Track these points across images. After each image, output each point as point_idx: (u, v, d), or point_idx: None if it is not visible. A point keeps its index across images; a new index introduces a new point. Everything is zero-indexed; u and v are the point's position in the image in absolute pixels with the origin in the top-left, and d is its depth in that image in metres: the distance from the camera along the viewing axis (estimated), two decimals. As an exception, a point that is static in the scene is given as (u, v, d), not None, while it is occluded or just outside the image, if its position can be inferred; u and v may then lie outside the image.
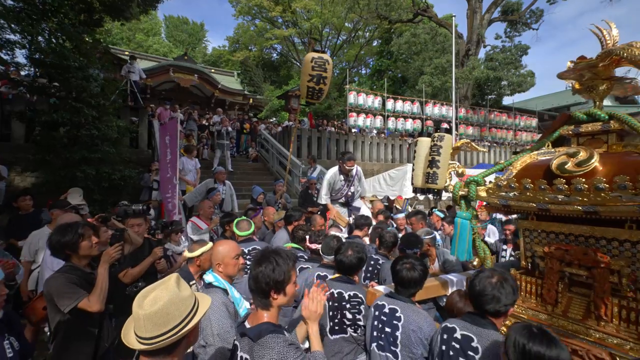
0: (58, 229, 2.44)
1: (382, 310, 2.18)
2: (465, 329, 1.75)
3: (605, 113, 2.02)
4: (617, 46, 1.88)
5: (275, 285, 1.58)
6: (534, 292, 2.15)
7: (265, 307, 1.61)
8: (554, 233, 2.07)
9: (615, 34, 1.97)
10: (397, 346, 2.05)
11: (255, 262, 1.64)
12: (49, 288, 2.24)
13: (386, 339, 2.11)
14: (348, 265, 2.54)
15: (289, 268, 1.64)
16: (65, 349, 2.28)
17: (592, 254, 1.83)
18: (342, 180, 5.40)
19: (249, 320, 1.66)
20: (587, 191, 1.71)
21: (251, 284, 1.62)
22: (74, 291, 2.23)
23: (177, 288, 1.27)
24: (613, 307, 1.78)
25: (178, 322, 1.22)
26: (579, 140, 2.17)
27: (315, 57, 5.92)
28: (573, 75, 2.13)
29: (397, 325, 2.08)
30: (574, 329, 1.88)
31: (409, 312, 2.09)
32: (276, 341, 1.47)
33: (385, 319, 2.15)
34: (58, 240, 2.33)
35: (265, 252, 1.67)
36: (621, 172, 1.68)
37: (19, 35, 7.02)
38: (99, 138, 6.75)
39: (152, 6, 11.89)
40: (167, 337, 1.19)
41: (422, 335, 2.00)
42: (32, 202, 5.06)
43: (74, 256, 2.39)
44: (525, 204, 1.98)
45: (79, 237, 2.36)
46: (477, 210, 2.86)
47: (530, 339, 1.31)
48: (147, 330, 1.18)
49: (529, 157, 2.28)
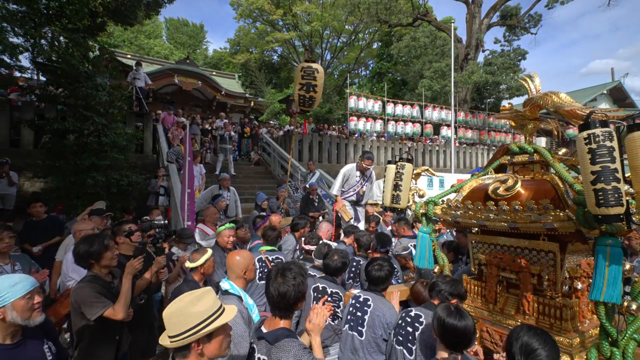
0: (85, 239, 2.61)
1: (358, 299, 2.68)
2: (419, 310, 2.31)
3: (531, 147, 2.46)
4: (537, 95, 2.32)
5: (302, 298, 1.82)
6: (480, 293, 2.58)
7: (287, 317, 1.81)
8: (492, 244, 2.52)
9: (537, 83, 2.43)
10: (364, 327, 2.52)
11: (280, 278, 1.80)
12: (76, 297, 2.41)
13: (356, 321, 2.58)
14: (333, 268, 3.09)
15: (306, 281, 1.87)
16: (89, 353, 2.47)
17: (518, 260, 2.28)
18: (357, 176, 5.64)
19: (265, 325, 1.85)
20: (508, 211, 2.10)
21: (276, 299, 1.78)
22: (100, 300, 2.40)
23: (190, 304, 1.49)
24: (534, 304, 2.20)
25: (184, 330, 1.44)
26: (514, 168, 2.61)
27: (305, 66, 6.05)
28: (509, 116, 2.63)
29: (366, 310, 2.56)
30: (507, 322, 2.29)
31: (377, 302, 2.57)
32: (292, 345, 1.67)
33: (358, 305, 2.63)
34: (86, 250, 2.50)
35: (287, 269, 1.84)
36: (535, 196, 2.11)
37: (22, 39, 7.18)
38: (108, 145, 6.96)
39: (156, 11, 12.00)
40: (177, 339, 1.44)
41: (384, 320, 2.47)
42: (44, 208, 5.20)
43: (96, 265, 2.57)
44: (469, 221, 2.38)
45: (104, 248, 2.55)
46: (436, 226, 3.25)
47: (447, 315, 1.76)
48: (168, 330, 1.47)
49: (475, 181, 2.71)
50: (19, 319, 1.80)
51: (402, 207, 2.97)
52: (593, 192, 1.51)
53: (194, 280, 2.94)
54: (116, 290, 2.56)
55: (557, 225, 1.88)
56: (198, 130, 12.07)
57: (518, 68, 18.99)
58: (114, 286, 2.62)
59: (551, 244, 2.12)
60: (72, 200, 6.40)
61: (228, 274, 2.41)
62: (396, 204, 2.92)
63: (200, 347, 1.47)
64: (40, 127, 7.18)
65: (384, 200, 3.17)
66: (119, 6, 9.66)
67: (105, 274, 2.63)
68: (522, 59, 19.02)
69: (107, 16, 9.88)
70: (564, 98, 2.13)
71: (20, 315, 1.81)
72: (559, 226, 1.88)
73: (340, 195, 5.66)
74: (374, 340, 2.46)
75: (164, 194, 7.85)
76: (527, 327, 1.61)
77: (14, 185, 6.78)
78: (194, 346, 1.46)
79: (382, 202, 8.07)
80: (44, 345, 1.99)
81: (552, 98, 2.17)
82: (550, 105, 2.17)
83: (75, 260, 2.59)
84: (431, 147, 15.69)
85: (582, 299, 2.15)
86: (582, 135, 1.56)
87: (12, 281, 1.84)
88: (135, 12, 10.45)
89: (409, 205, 2.99)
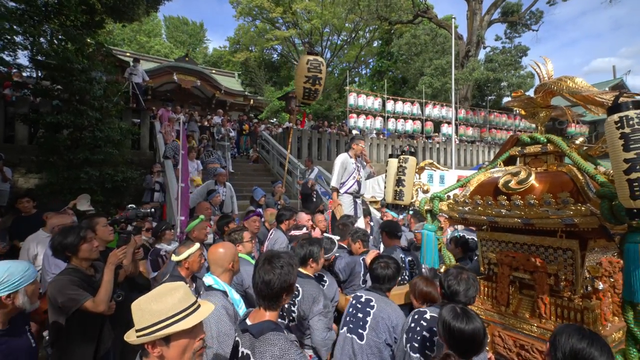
0: (61, 230, 2.50)
1: (359, 299, 2.43)
2: (434, 312, 2.04)
3: (544, 137, 2.26)
4: (550, 80, 2.15)
5: (288, 289, 1.65)
6: (490, 294, 2.39)
7: (272, 308, 1.66)
8: (504, 242, 2.33)
9: (550, 68, 2.24)
10: (365, 329, 2.27)
11: (267, 265, 1.65)
12: (52, 290, 2.28)
13: (356, 323, 2.33)
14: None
15: (295, 271, 1.71)
16: (66, 350, 2.32)
17: (532, 259, 2.10)
18: (352, 162, 5.53)
19: (250, 317, 1.70)
20: (522, 206, 1.93)
21: (260, 287, 1.64)
22: (77, 293, 2.26)
23: (152, 299, 1.31)
24: (551, 306, 2.03)
25: (139, 328, 1.28)
26: (525, 160, 2.42)
27: (311, 59, 6.12)
28: (518, 103, 2.44)
29: (369, 312, 2.31)
30: (522, 326, 2.12)
31: (382, 303, 2.33)
32: (278, 338, 1.53)
33: (360, 306, 2.39)
34: (60, 242, 2.39)
35: (276, 256, 1.69)
36: (551, 189, 1.94)
37: (21, 37, 7.09)
38: (102, 140, 6.83)
39: (154, 8, 11.92)
40: (139, 335, 1.28)
41: (389, 323, 2.23)
42: (32, 203, 5.02)
43: (74, 258, 2.44)
44: (478, 217, 2.21)
45: (80, 239, 2.41)
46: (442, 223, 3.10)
47: (453, 318, 1.58)
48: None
49: (483, 175, 2.52)
50: (28, 303, 1.84)
51: (406, 203, 2.83)
52: (627, 183, 1.34)
53: (180, 275, 2.76)
54: (97, 284, 2.40)
55: (578, 220, 1.72)
56: (196, 127, 11.94)
57: (519, 65, 18.85)
58: (95, 280, 2.47)
59: (570, 241, 1.95)
60: (65, 195, 6.25)
61: (211, 268, 2.26)
62: (399, 200, 2.79)
63: (157, 350, 1.28)
64: (34, 121, 7.05)
65: (385, 197, 3.01)
66: (118, 3, 9.54)
67: (86, 267, 2.49)
68: (523, 55, 18.89)
69: (106, 13, 9.77)
70: (579, 83, 1.97)
71: (30, 300, 1.85)
72: (581, 221, 1.72)
73: (340, 187, 5.48)
74: (376, 345, 2.23)
75: (160, 190, 7.70)
76: (574, 328, 1.39)
77: (7, 181, 6.66)
78: (148, 348, 1.29)
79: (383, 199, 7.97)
80: (27, 333, 1.98)
81: (567, 83, 2.01)
82: (565, 91, 2.01)
83: (53, 253, 2.47)
84: (432, 145, 15.54)
85: (603, 300, 1.98)
86: (612, 119, 1.39)
87: (24, 267, 1.88)
88: (133, 9, 10.33)
89: (413, 202, 2.83)
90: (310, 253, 2.67)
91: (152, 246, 4.34)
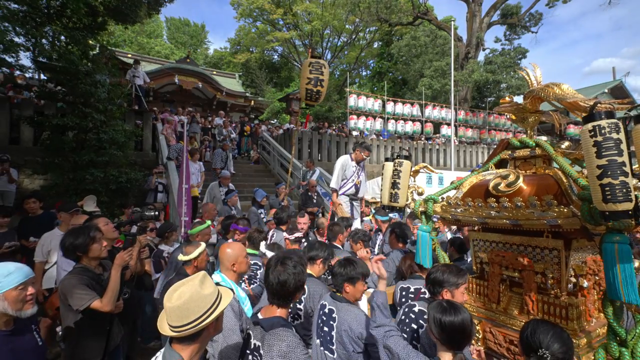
0: (71, 231, 2.59)
1: (324, 309, 2.41)
2: (422, 306, 2.24)
3: (533, 141, 2.36)
4: (538, 87, 2.23)
5: (301, 288, 1.79)
6: (482, 292, 2.50)
7: (284, 305, 1.78)
8: (494, 242, 2.44)
9: (538, 74, 2.32)
10: (333, 344, 2.29)
11: (280, 266, 1.77)
12: (62, 289, 2.39)
13: (325, 337, 2.34)
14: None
15: (306, 270, 1.84)
16: (78, 345, 2.43)
17: (521, 259, 2.21)
18: (353, 166, 5.67)
19: (262, 312, 1.84)
20: (510, 208, 2.03)
21: (276, 287, 1.74)
22: (86, 292, 2.36)
23: (199, 287, 1.45)
24: (538, 303, 2.12)
25: (197, 317, 1.39)
26: (515, 163, 2.51)
27: (313, 61, 6.26)
28: (509, 109, 2.53)
29: (332, 325, 2.31)
30: (511, 322, 2.21)
31: (342, 313, 2.29)
32: (287, 334, 1.64)
33: (325, 318, 2.38)
34: (71, 242, 2.49)
35: (288, 257, 1.81)
36: (537, 192, 2.04)
37: (23, 38, 7.17)
38: (107, 142, 6.94)
39: (156, 10, 11.99)
40: (188, 327, 1.38)
41: (352, 335, 2.21)
42: (37, 204, 5.14)
43: (84, 258, 2.54)
44: (469, 218, 2.30)
45: (90, 240, 2.52)
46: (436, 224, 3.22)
47: (442, 313, 1.68)
48: (173, 320, 1.39)
49: (475, 177, 2.62)
50: (9, 309, 1.78)
51: (401, 205, 2.90)
52: (599, 187, 1.44)
53: (186, 274, 2.87)
54: (106, 282, 2.51)
55: (561, 221, 1.82)
56: (198, 128, 12.05)
57: (519, 67, 18.92)
58: (104, 278, 2.57)
59: (555, 241, 2.06)
60: (71, 196, 6.36)
61: (220, 266, 2.40)
62: (394, 202, 2.84)
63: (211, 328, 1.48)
64: (39, 123, 7.16)
65: (381, 199, 3.13)
66: (120, 5, 9.64)
67: (94, 266, 2.60)
68: (522, 57, 18.97)
69: (108, 15, 9.86)
70: (566, 90, 2.06)
71: (11, 306, 1.78)
72: (563, 223, 1.82)
73: (338, 188, 5.64)
74: (347, 357, 2.23)
75: (163, 191, 7.82)
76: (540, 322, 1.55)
77: (13, 182, 6.75)
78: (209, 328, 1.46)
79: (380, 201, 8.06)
80: (34, 332, 2.00)
81: (553, 90, 2.09)
82: (552, 97, 2.09)
83: (63, 253, 2.58)
84: (431, 146, 15.64)
85: (588, 297, 2.09)
86: (586, 128, 1.50)
87: (6, 271, 1.80)
88: (135, 11, 10.42)
89: (408, 204, 2.95)
90: (321, 256, 2.85)
91: (157, 246, 4.44)
